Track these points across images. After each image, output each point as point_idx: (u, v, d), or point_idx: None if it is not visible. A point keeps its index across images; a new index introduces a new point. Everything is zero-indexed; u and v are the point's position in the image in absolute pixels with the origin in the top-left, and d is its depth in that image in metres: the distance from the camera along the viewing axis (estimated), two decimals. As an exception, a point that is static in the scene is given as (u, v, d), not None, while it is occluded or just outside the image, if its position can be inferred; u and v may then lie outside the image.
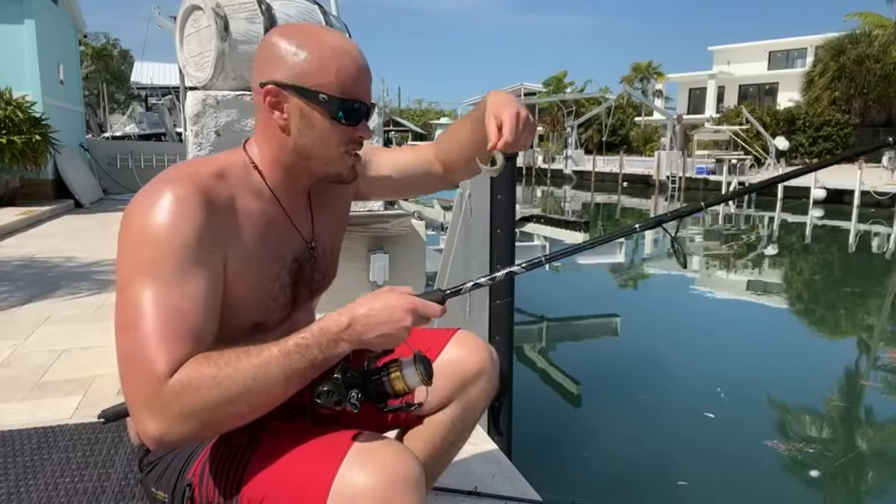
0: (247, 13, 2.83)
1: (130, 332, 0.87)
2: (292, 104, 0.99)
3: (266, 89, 0.99)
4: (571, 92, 42.37)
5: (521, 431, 2.85)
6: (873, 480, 4.21)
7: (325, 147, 1.02)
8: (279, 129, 1.01)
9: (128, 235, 0.91)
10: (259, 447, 1.00)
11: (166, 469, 1.05)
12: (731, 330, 7.33)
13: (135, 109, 25.47)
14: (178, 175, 0.95)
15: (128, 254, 0.90)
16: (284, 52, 0.98)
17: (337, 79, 0.99)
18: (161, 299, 0.87)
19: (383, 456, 0.93)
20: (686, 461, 4.21)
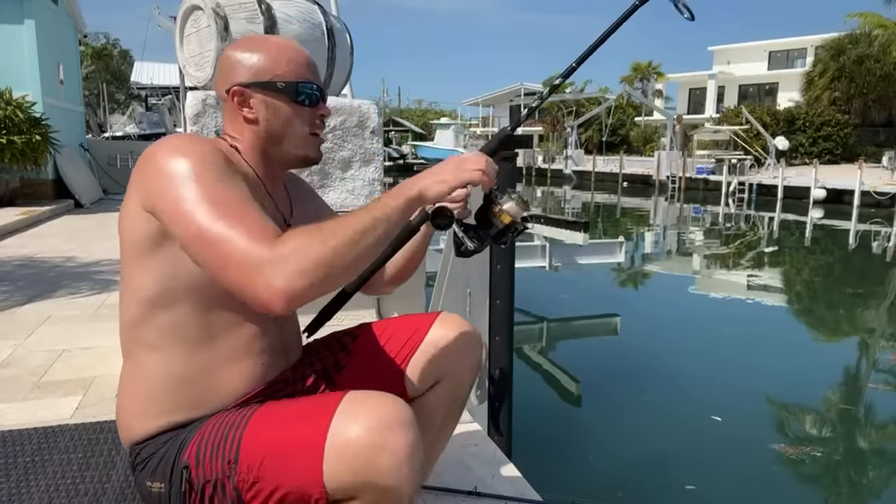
0: (247, 13, 2.83)
1: (214, 224, 0.93)
2: (257, 98, 1.13)
3: (232, 91, 1.13)
4: (571, 92, 42.33)
5: (521, 431, 2.85)
6: (880, 483, 4.20)
7: (292, 129, 1.16)
8: (249, 121, 1.15)
9: (156, 168, 0.99)
10: (251, 419, 1.04)
11: (161, 460, 1.07)
12: (730, 330, 7.33)
13: (135, 109, 25.48)
14: (175, 135, 1.07)
15: (166, 178, 0.97)
16: (240, 58, 1.14)
17: (289, 68, 1.14)
18: (223, 194, 0.96)
19: (374, 403, 0.98)
20: (686, 461, 4.21)
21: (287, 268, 0.89)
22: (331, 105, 3.15)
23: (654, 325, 7.58)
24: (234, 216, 0.94)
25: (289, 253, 0.90)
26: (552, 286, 9.12)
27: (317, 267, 0.90)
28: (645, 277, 10.91)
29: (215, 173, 0.99)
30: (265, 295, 0.89)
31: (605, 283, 9.92)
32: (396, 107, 59.10)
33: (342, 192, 3.13)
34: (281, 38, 1.22)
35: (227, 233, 0.92)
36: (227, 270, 0.92)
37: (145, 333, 1.08)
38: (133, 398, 1.11)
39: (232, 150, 1.14)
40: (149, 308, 1.07)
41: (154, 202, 0.99)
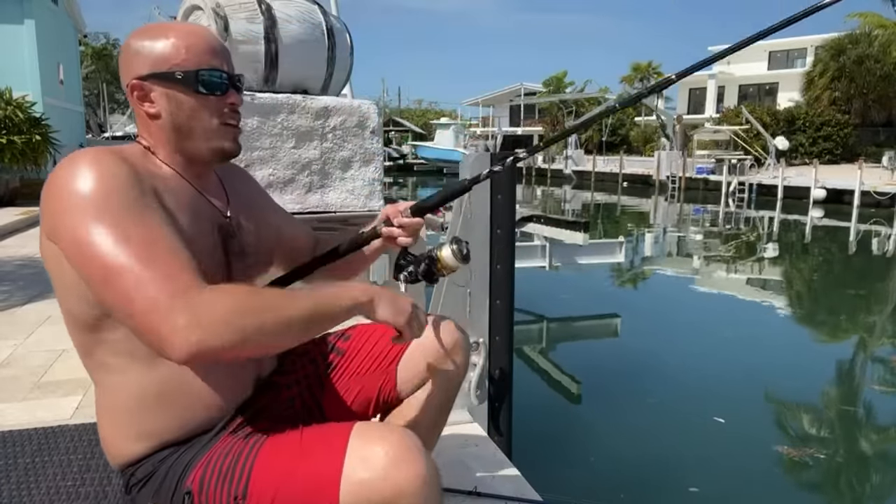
0: (247, 13, 2.83)
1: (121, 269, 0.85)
2: (157, 92, 1.04)
3: (131, 86, 1.04)
4: (571, 92, 42.33)
5: (521, 431, 2.84)
6: (883, 485, 4.19)
7: (199, 121, 1.06)
8: (153, 117, 1.05)
9: (62, 200, 0.90)
10: (261, 449, 1.02)
11: (162, 481, 1.04)
12: (731, 330, 7.33)
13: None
14: (82, 151, 0.96)
15: (69, 211, 0.89)
16: (138, 48, 1.04)
17: (189, 55, 1.04)
18: (132, 231, 0.88)
19: (384, 436, 0.97)
20: (687, 461, 4.21)
21: (203, 319, 0.83)
22: (331, 105, 3.16)
23: (654, 324, 7.58)
24: (145, 256, 0.86)
25: (210, 304, 0.84)
26: (552, 286, 9.11)
27: (238, 330, 0.84)
28: (645, 277, 10.91)
29: (123, 202, 0.89)
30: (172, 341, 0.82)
31: (605, 283, 9.92)
32: (396, 107, 59.12)
33: (342, 192, 3.13)
34: (186, 24, 1.13)
35: (136, 274, 0.84)
36: (133, 317, 0.85)
37: (100, 357, 1.03)
38: (114, 421, 1.07)
39: (146, 153, 1.06)
40: (92, 333, 1.02)
41: (57, 236, 0.91)
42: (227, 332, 0.84)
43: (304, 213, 3.02)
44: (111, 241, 0.86)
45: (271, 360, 1.24)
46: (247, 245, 1.17)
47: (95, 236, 0.87)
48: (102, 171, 0.91)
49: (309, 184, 3.05)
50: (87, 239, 0.87)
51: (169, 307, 0.83)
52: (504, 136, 42.36)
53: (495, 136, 41.63)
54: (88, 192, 0.89)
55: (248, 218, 1.20)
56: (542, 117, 44.79)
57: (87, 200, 0.88)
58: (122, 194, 0.90)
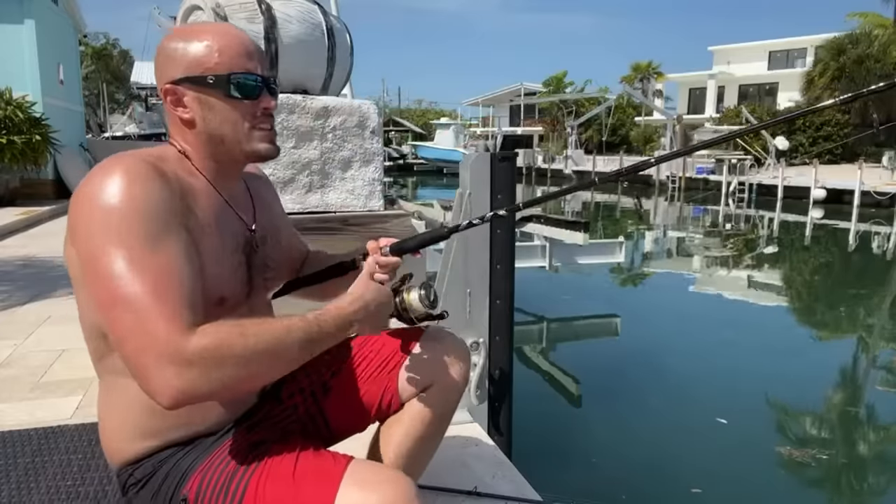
0: (247, 13, 2.83)
1: (125, 299, 0.85)
2: (190, 96, 1.03)
3: (164, 90, 1.03)
4: (571, 92, 42.32)
5: (521, 431, 2.85)
6: (887, 486, 4.18)
7: (232, 126, 1.05)
8: (187, 123, 1.04)
9: (85, 212, 0.90)
10: (256, 469, 1.02)
11: (160, 484, 1.04)
12: (731, 330, 7.33)
13: (135, 109, 25.49)
14: (118, 157, 0.96)
15: (90, 226, 0.88)
16: (171, 51, 1.03)
17: (221, 59, 1.02)
18: (147, 261, 0.86)
19: (378, 484, 0.96)
20: (686, 461, 4.21)
21: (190, 372, 0.83)
22: (331, 105, 3.16)
23: (654, 324, 7.58)
24: (152, 292, 0.85)
25: (197, 356, 0.83)
26: (552, 286, 9.11)
27: (221, 380, 0.85)
28: (645, 277, 10.91)
29: (144, 229, 0.88)
30: (159, 388, 0.83)
31: (605, 283, 9.92)
32: (396, 107, 59.12)
33: (342, 192, 3.13)
34: (220, 25, 1.09)
35: (139, 309, 0.84)
36: (126, 349, 0.84)
37: (111, 362, 1.03)
38: (117, 420, 1.07)
39: (181, 157, 1.05)
40: (107, 340, 1.01)
41: (77, 248, 0.92)
42: (213, 382, 0.85)
43: (304, 213, 3.02)
44: (124, 268, 0.86)
45: None
46: (268, 258, 1.18)
47: (111, 258, 0.86)
48: (134, 188, 0.90)
49: (309, 184, 3.05)
50: (102, 259, 0.87)
51: (162, 354, 0.83)
52: (504, 136, 42.37)
53: (495, 136, 41.64)
54: (115, 209, 0.88)
55: (271, 229, 1.21)
56: (542, 117, 44.78)
57: (111, 218, 0.88)
58: (148, 218, 0.89)
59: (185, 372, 0.83)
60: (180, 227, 0.94)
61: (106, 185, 0.89)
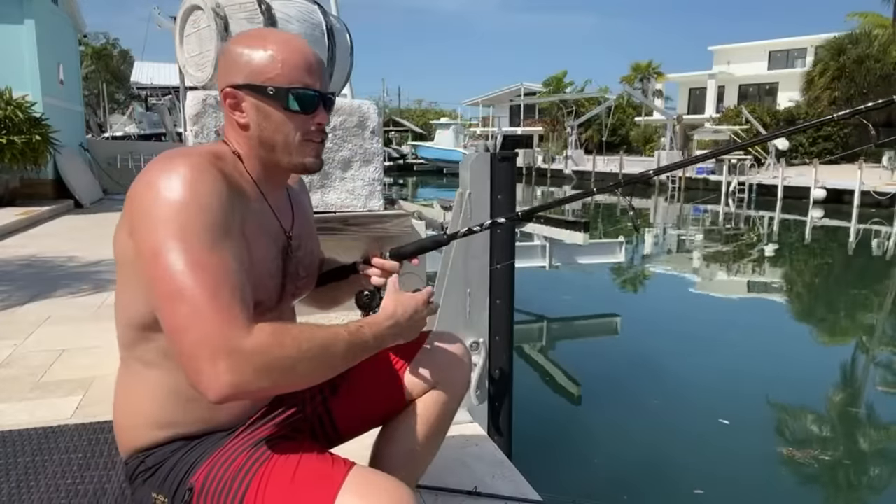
0: (247, 13, 2.83)
1: (184, 291, 0.87)
2: (248, 102, 1.06)
3: (224, 93, 1.07)
4: (571, 92, 42.32)
5: (521, 431, 2.85)
6: (890, 487, 4.17)
7: (284, 136, 1.08)
8: (242, 126, 1.08)
9: (149, 204, 0.92)
10: (260, 468, 1.02)
11: (169, 472, 1.06)
12: (731, 330, 7.33)
13: (135, 109, 25.50)
14: (182, 152, 0.99)
15: (152, 218, 0.91)
16: (237, 56, 1.06)
17: (283, 71, 1.05)
18: (206, 256, 0.89)
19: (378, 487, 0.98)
20: (686, 461, 4.21)
21: (243, 368, 0.85)
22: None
23: (654, 324, 7.58)
24: (210, 287, 0.87)
25: (252, 354, 0.86)
26: (552, 286, 9.11)
27: (272, 379, 0.89)
28: (645, 277, 10.91)
29: (205, 226, 0.91)
30: (210, 381, 0.85)
31: (605, 283, 9.92)
32: (396, 107, 59.13)
33: (342, 192, 3.13)
34: (287, 35, 1.11)
35: (197, 303, 0.86)
36: (182, 343, 0.86)
37: (142, 353, 1.06)
38: (134, 408, 1.09)
39: (234, 157, 1.08)
40: (142, 332, 1.04)
41: (137, 238, 0.93)
42: (263, 380, 0.88)
43: (304, 212, 3.02)
44: (186, 263, 0.88)
45: None
46: (301, 266, 1.20)
47: (173, 252, 0.88)
48: (199, 185, 0.93)
49: (309, 184, 3.05)
50: (164, 252, 0.89)
51: (218, 348, 0.85)
52: (504, 135, 42.37)
53: (495, 136, 41.64)
54: (180, 204, 0.91)
55: (305, 237, 1.24)
56: (542, 117, 44.78)
57: (176, 213, 0.90)
58: (211, 216, 0.92)
59: (238, 367, 0.85)
60: (237, 228, 0.97)
61: (171, 180, 0.92)
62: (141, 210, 0.93)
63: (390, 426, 1.34)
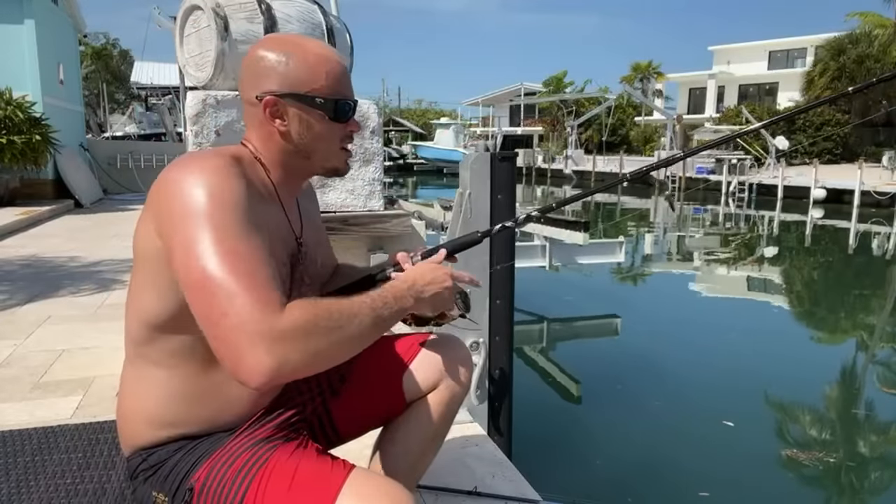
0: (247, 13, 2.83)
1: (220, 277, 0.87)
2: (292, 112, 1.07)
3: (265, 101, 1.06)
4: (571, 92, 42.32)
5: (521, 431, 2.85)
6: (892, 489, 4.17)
7: (324, 145, 1.11)
8: (281, 135, 1.08)
9: (178, 201, 0.93)
10: (260, 468, 1.03)
11: (171, 471, 1.06)
12: (731, 330, 7.33)
13: (135, 109, 25.50)
14: (202, 155, 1.00)
15: (182, 214, 0.92)
16: (275, 62, 1.06)
17: (327, 82, 1.07)
18: (238, 245, 0.90)
19: (377, 491, 0.97)
20: (686, 461, 4.21)
21: (283, 348, 0.85)
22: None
23: (654, 325, 7.58)
24: (245, 273, 0.88)
25: (289, 333, 0.86)
26: (552, 286, 9.11)
27: (311, 356, 0.88)
28: (645, 277, 10.91)
29: (235, 218, 0.92)
30: (251, 366, 0.84)
31: (605, 283, 9.92)
32: (396, 107, 59.12)
33: (342, 192, 3.13)
34: (320, 42, 1.14)
35: (232, 289, 0.86)
36: (219, 328, 0.86)
37: (150, 352, 1.06)
38: (139, 406, 1.09)
39: (255, 161, 1.09)
40: (154, 331, 1.04)
41: (165, 233, 0.94)
42: (303, 357, 0.88)
43: (304, 212, 3.02)
44: (218, 252, 0.89)
45: None
46: (306, 274, 1.20)
47: (205, 244, 0.89)
48: (223, 183, 0.95)
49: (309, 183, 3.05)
50: (196, 246, 0.89)
51: (256, 332, 0.85)
52: (504, 135, 42.39)
53: (495, 136, 41.64)
54: (207, 201, 0.92)
55: (314, 245, 1.24)
56: (542, 117, 44.78)
57: (204, 210, 0.91)
58: (237, 210, 0.93)
59: (278, 348, 0.85)
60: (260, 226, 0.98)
61: (197, 179, 0.94)
62: (169, 208, 0.94)
63: (391, 427, 1.34)
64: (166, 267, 0.95)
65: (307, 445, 1.09)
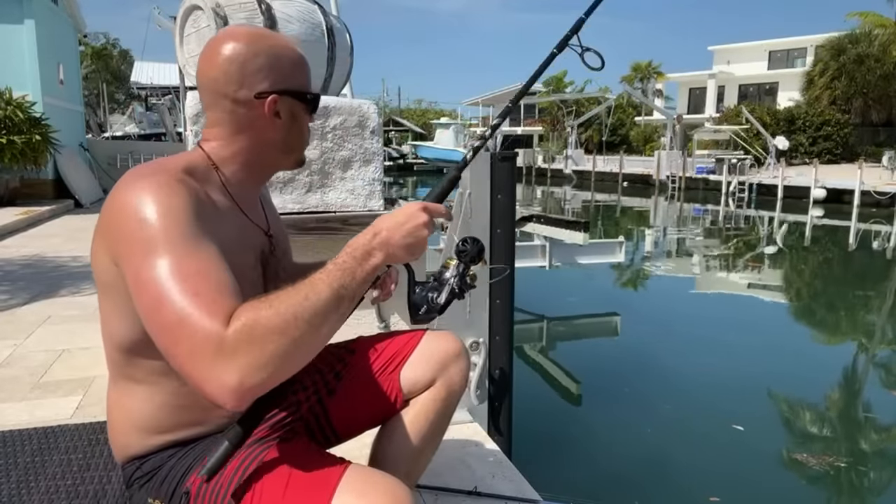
0: (247, 13, 2.83)
1: (168, 303, 0.83)
2: (286, 108, 1.07)
3: (270, 100, 1.04)
4: (571, 92, 42.32)
5: (521, 431, 2.85)
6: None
7: (301, 138, 1.13)
8: (273, 132, 1.08)
9: (123, 224, 0.90)
10: (256, 469, 1.02)
11: (166, 476, 1.06)
12: (730, 329, 7.33)
13: (135, 109, 25.50)
14: (150, 170, 0.96)
15: (130, 240, 0.89)
16: (273, 58, 1.05)
17: (306, 78, 1.11)
18: (185, 265, 0.86)
19: (375, 487, 0.97)
20: (687, 460, 4.21)
21: (237, 361, 0.80)
22: (331, 105, 3.16)
23: (654, 324, 7.58)
24: (191, 293, 0.83)
25: (236, 342, 0.80)
26: (552, 286, 9.11)
27: (270, 358, 0.81)
28: (645, 277, 10.91)
29: (178, 234, 0.88)
30: (216, 389, 0.80)
31: (605, 282, 9.92)
32: (396, 107, 59.12)
33: (342, 192, 3.13)
34: (286, 37, 1.13)
35: (179, 314, 0.82)
36: (176, 359, 0.83)
37: (132, 372, 1.05)
38: (126, 419, 1.08)
39: (208, 168, 1.05)
40: (131, 355, 1.03)
41: (118, 258, 0.92)
42: (263, 365, 0.81)
43: (304, 212, 3.02)
44: (166, 273, 0.85)
45: None
46: (280, 267, 1.20)
47: (152, 268, 0.86)
48: (164, 199, 0.90)
49: (309, 183, 3.05)
50: (144, 269, 0.86)
51: (209, 355, 0.80)
52: (504, 135, 42.36)
53: (495, 136, 41.60)
54: (150, 221, 0.88)
55: (281, 236, 1.24)
56: (542, 117, 44.77)
57: (149, 230, 0.88)
58: (182, 225, 0.89)
59: (233, 362, 0.80)
60: (212, 237, 0.94)
61: (139, 200, 0.90)
62: (117, 233, 0.91)
63: (389, 425, 1.33)
64: (124, 288, 0.92)
65: (304, 445, 1.09)
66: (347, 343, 1.37)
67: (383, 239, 0.95)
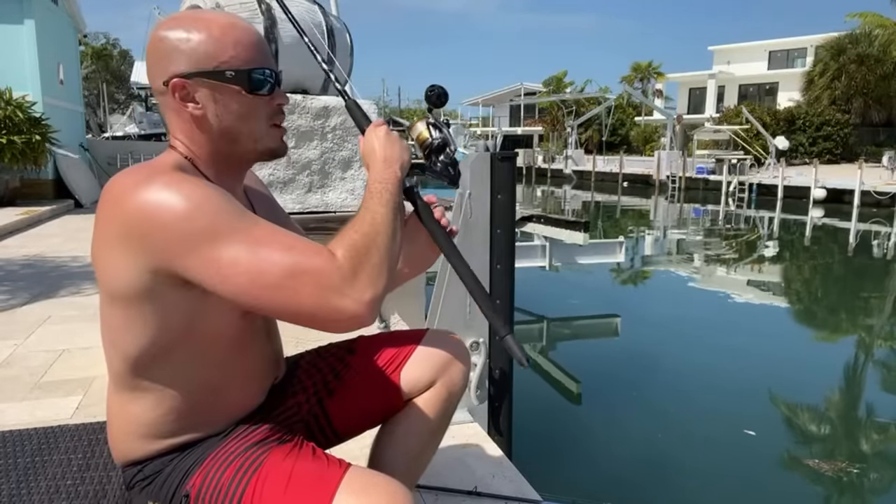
0: (247, 13, 2.83)
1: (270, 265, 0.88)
2: (203, 92, 0.98)
3: (172, 84, 0.97)
4: (571, 92, 42.32)
5: (521, 431, 2.85)
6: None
7: (249, 124, 1.02)
8: (197, 120, 1.00)
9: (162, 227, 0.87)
10: (256, 470, 1.02)
11: (165, 480, 1.05)
12: (730, 330, 7.33)
13: (135, 109, 25.52)
14: (151, 171, 0.94)
15: (185, 238, 0.87)
16: (175, 42, 0.97)
17: (237, 52, 0.98)
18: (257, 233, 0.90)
19: (376, 489, 0.97)
20: (687, 460, 4.21)
21: (364, 278, 0.90)
22: (331, 105, 3.16)
23: (654, 324, 7.58)
24: (284, 247, 0.89)
25: (356, 267, 0.90)
26: (552, 286, 9.12)
27: (382, 268, 0.93)
28: (645, 277, 10.92)
29: (230, 211, 0.90)
30: (358, 310, 0.90)
31: (605, 283, 9.92)
32: (396, 107, 59.12)
33: (342, 192, 3.13)
34: (224, 14, 1.03)
35: (289, 270, 0.88)
36: (303, 308, 0.89)
37: (137, 383, 1.03)
38: (126, 425, 1.07)
39: (187, 163, 1.01)
40: (137, 366, 1.01)
41: (168, 262, 0.89)
42: (377, 274, 0.93)
43: (304, 213, 3.02)
44: (247, 247, 0.88)
45: (283, 366, 1.26)
46: None
47: (229, 248, 0.88)
48: (193, 190, 0.90)
49: (309, 184, 3.05)
50: (223, 254, 0.87)
51: (336, 285, 0.89)
52: (504, 135, 42.35)
53: (495, 136, 41.59)
54: (197, 213, 0.88)
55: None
56: (542, 117, 44.78)
57: (200, 220, 0.88)
58: (226, 204, 0.91)
59: (359, 281, 0.90)
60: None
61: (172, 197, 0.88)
62: (163, 237, 0.88)
63: (389, 425, 1.33)
64: (142, 298, 0.92)
65: (303, 446, 1.08)
66: (347, 343, 1.37)
67: (379, 158, 1.06)
